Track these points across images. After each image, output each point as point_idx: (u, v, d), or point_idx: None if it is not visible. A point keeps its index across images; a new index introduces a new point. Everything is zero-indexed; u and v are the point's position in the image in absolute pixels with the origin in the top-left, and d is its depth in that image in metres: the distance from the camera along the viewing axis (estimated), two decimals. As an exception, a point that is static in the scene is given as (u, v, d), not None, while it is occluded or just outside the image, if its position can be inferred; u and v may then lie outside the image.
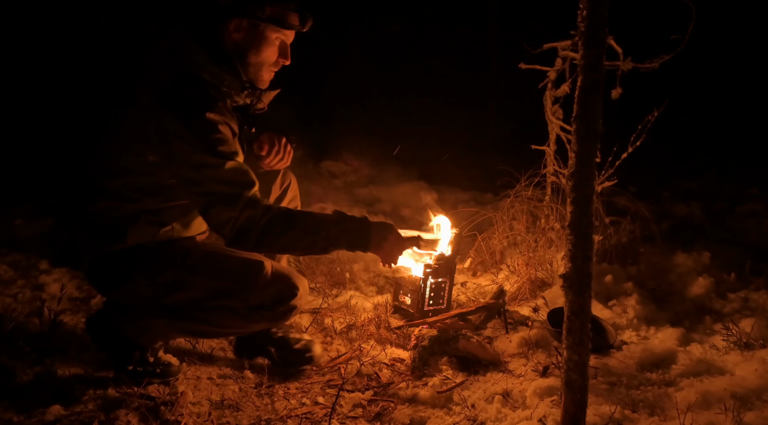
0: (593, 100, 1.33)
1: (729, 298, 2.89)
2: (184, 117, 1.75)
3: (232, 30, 1.87)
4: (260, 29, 1.88)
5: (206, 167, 1.75)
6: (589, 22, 1.30)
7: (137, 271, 1.90)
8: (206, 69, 1.84)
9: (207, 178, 1.76)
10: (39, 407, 1.81)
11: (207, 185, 1.76)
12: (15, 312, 2.45)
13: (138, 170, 1.86)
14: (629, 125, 2.90)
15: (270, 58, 1.94)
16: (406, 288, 2.68)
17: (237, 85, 1.90)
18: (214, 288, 1.91)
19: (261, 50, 1.91)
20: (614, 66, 2.78)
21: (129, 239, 1.87)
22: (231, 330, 2.07)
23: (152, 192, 1.87)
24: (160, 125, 1.76)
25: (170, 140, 1.75)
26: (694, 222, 4.26)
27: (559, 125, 3.20)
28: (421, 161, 5.58)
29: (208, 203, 1.78)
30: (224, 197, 1.76)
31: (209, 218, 1.81)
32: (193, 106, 1.76)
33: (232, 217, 1.76)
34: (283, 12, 1.89)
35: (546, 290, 2.85)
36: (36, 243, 3.26)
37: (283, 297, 1.93)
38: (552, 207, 3.25)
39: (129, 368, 1.98)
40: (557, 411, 1.71)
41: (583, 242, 1.37)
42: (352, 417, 1.95)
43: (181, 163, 1.77)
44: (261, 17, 1.86)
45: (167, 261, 1.90)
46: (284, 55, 1.96)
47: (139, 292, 1.93)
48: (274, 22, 1.88)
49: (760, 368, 2.07)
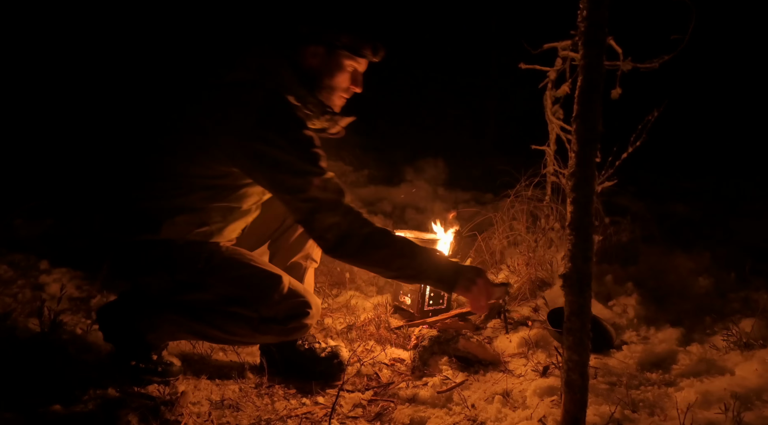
0: (593, 100, 1.34)
1: (729, 298, 2.89)
2: (285, 133, 1.83)
3: (309, 55, 1.95)
4: (335, 56, 1.97)
5: (310, 174, 1.84)
6: (589, 22, 1.31)
7: (161, 264, 1.93)
8: (294, 91, 1.92)
9: (311, 185, 1.83)
10: (39, 407, 1.81)
11: (311, 192, 1.84)
12: (15, 312, 2.46)
13: (202, 174, 1.90)
14: (629, 125, 2.90)
15: (342, 84, 2.02)
16: (406, 288, 2.68)
17: (319, 110, 1.99)
18: (230, 295, 1.93)
19: (334, 76, 1.99)
20: (614, 66, 2.78)
21: (162, 232, 1.91)
22: (240, 339, 2.06)
23: (203, 191, 1.93)
24: (261, 141, 1.81)
25: (274, 154, 1.81)
26: (694, 222, 4.26)
27: (559, 125, 3.20)
28: (421, 161, 5.59)
29: (313, 209, 1.85)
30: (327, 203, 1.85)
31: (314, 222, 1.86)
32: (293, 124, 1.86)
33: (336, 222, 1.85)
34: (358, 41, 1.97)
35: (546, 290, 2.85)
36: (36, 243, 3.26)
37: (295, 314, 1.96)
38: (552, 207, 3.25)
39: (132, 363, 1.99)
40: (557, 411, 1.71)
41: (583, 242, 1.37)
42: (352, 417, 1.95)
43: (287, 172, 1.83)
44: (337, 45, 1.95)
45: (190, 260, 1.93)
46: (356, 82, 2.04)
47: (156, 284, 1.96)
48: (348, 49, 1.97)
49: (760, 368, 2.07)
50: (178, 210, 1.92)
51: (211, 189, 1.94)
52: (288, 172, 1.83)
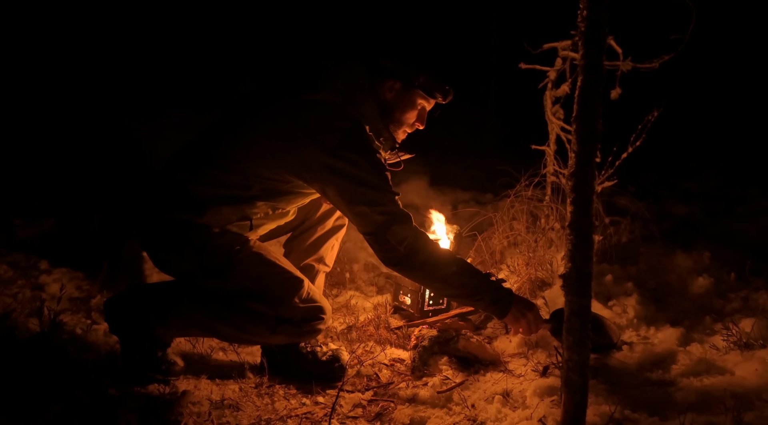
0: (593, 101, 1.33)
1: (729, 298, 2.89)
2: (366, 156, 1.95)
3: (386, 89, 2.06)
4: (410, 93, 2.07)
5: (387, 191, 1.97)
6: (589, 22, 1.31)
7: (191, 246, 1.96)
8: (372, 123, 2.04)
9: (388, 199, 1.96)
10: (39, 407, 1.81)
11: (387, 206, 1.95)
12: (15, 312, 2.46)
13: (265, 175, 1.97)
14: (629, 125, 2.90)
15: (410, 120, 2.12)
16: (406, 288, 2.68)
17: (389, 144, 2.10)
18: (251, 289, 1.96)
19: (405, 111, 2.09)
20: (614, 66, 2.78)
21: (206, 217, 1.95)
22: (253, 337, 2.07)
23: (257, 189, 1.99)
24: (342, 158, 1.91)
25: (354, 171, 1.92)
26: (694, 222, 4.26)
27: (559, 125, 3.19)
28: (420, 161, 5.58)
29: (390, 221, 1.94)
30: (402, 217, 1.96)
31: (390, 234, 1.94)
32: (370, 148, 2.00)
33: (408, 236, 1.95)
34: (433, 84, 2.07)
35: (546, 290, 2.85)
36: (36, 243, 3.26)
37: (311, 318, 1.99)
38: (552, 207, 3.25)
39: (136, 357, 1.99)
40: (557, 411, 1.71)
41: (583, 242, 1.37)
42: (352, 417, 1.95)
43: (366, 186, 1.94)
44: (414, 84, 2.05)
45: (220, 249, 1.96)
46: (422, 120, 2.15)
47: (182, 266, 2.01)
48: (424, 90, 2.06)
49: (760, 368, 2.07)
50: (227, 200, 1.97)
51: (267, 190, 2.01)
52: (368, 186, 1.94)
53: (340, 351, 2.22)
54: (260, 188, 2.00)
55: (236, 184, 1.98)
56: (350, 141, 1.93)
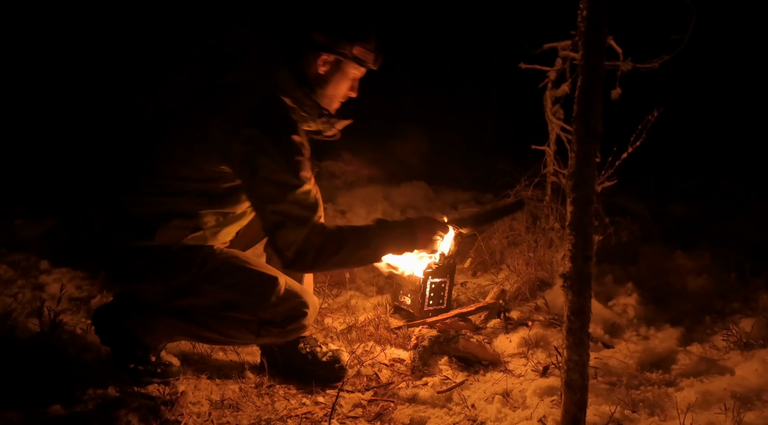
0: (593, 101, 1.34)
1: (729, 298, 2.89)
2: (273, 135, 1.82)
3: (320, 63, 1.97)
4: (343, 65, 2.00)
5: (287, 186, 1.82)
6: (589, 22, 1.31)
7: (154, 270, 1.91)
8: (290, 93, 1.93)
9: (285, 198, 1.82)
10: (39, 407, 1.81)
11: (283, 205, 1.83)
12: (15, 312, 2.46)
13: (194, 176, 1.89)
14: (629, 125, 2.90)
15: (344, 91, 2.06)
16: (406, 288, 2.68)
17: (316, 112, 1.99)
18: (226, 299, 1.92)
19: (339, 84, 2.03)
20: (614, 66, 2.78)
21: (156, 238, 1.89)
22: (237, 341, 2.08)
23: (197, 196, 1.91)
24: (247, 139, 1.80)
25: (257, 156, 1.80)
26: (694, 222, 4.26)
27: (559, 125, 3.19)
28: (421, 161, 5.59)
29: (280, 223, 1.83)
30: (296, 219, 1.84)
31: (277, 237, 1.85)
32: (282, 126, 1.85)
33: (297, 239, 1.83)
34: (366, 52, 2.00)
35: (546, 290, 2.85)
36: (36, 243, 3.26)
37: (293, 315, 1.96)
38: (552, 207, 3.25)
39: (130, 366, 1.98)
40: (557, 411, 1.71)
41: (583, 242, 1.37)
42: (352, 417, 1.95)
43: (264, 179, 1.82)
44: (348, 56, 1.97)
45: (185, 266, 1.91)
46: (354, 89, 2.09)
47: (152, 291, 1.95)
48: (357, 61, 1.99)
49: (760, 368, 2.07)
50: (171, 215, 1.90)
51: (204, 194, 1.92)
52: (264, 179, 1.82)
53: (341, 352, 2.21)
54: (197, 195, 1.92)
55: (172, 195, 1.90)
56: (258, 119, 1.82)
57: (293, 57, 1.96)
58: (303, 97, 1.95)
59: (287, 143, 1.83)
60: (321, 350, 2.21)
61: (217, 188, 1.93)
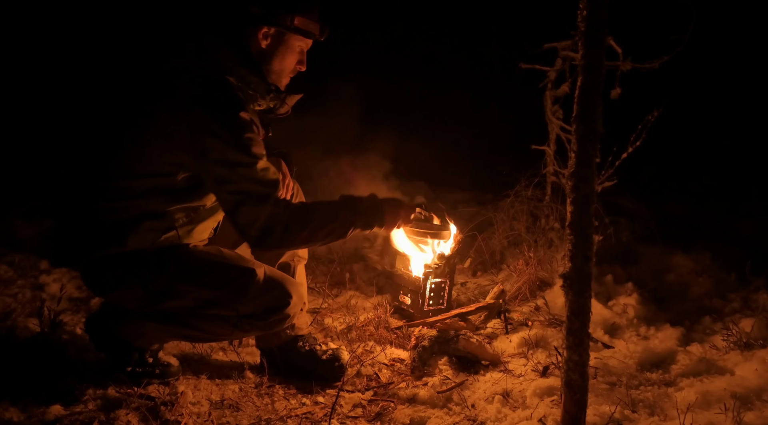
0: (593, 101, 1.34)
1: (729, 298, 2.89)
2: (219, 115, 1.79)
3: (261, 37, 1.93)
4: (285, 38, 1.95)
5: (240, 165, 1.79)
6: (589, 22, 1.31)
7: (131, 276, 1.89)
8: (234, 72, 1.88)
9: (240, 176, 1.79)
10: (39, 407, 1.82)
11: (240, 183, 1.80)
12: (15, 312, 2.46)
13: (152, 172, 1.86)
14: (629, 125, 2.90)
15: (291, 65, 2.01)
16: (406, 288, 2.68)
17: (263, 88, 1.94)
18: (205, 298, 1.91)
19: (285, 57, 1.97)
20: (614, 66, 2.78)
21: (129, 243, 1.86)
22: (224, 337, 2.09)
23: (161, 194, 1.87)
24: (193, 122, 1.77)
25: (204, 138, 1.77)
26: (694, 222, 4.26)
27: (559, 125, 3.20)
28: (421, 161, 5.59)
29: (239, 202, 1.81)
30: (255, 196, 1.81)
31: (238, 216, 1.82)
32: (228, 105, 1.81)
33: (260, 216, 1.81)
34: (308, 22, 1.95)
35: (546, 290, 2.85)
36: (36, 243, 3.26)
37: (275, 306, 1.94)
38: (552, 207, 3.25)
39: (128, 369, 1.98)
40: (557, 411, 1.71)
41: (583, 242, 1.37)
42: (352, 417, 1.95)
43: (215, 160, 1.79)
44: (289, 27, 1.92)
45: (161, 268, 1.89)
46: (302, 62, 2.03)
47: (132, 297, 1.92)
48: (299, 32, 1.94)
49: (760, 368, 2.07)
50: (140, 218, 1.86)
51: (167, 191, 1.88)
52: (215, 160, 1.78)
53: (341, 351, 2.21)
54: (160, 191, 1.86)
55: (135, 196, 1.86)
56: (201, 101, 1.78)
57: (234, 34, 1.91)
58: (247, 74, 1.90)
59: (234, 121, 1.80)
60: (321, 348, 2.20)
61: (177, 182, 1.88)
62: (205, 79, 1.83)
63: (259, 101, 1.97)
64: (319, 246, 2.08)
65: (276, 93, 1.98)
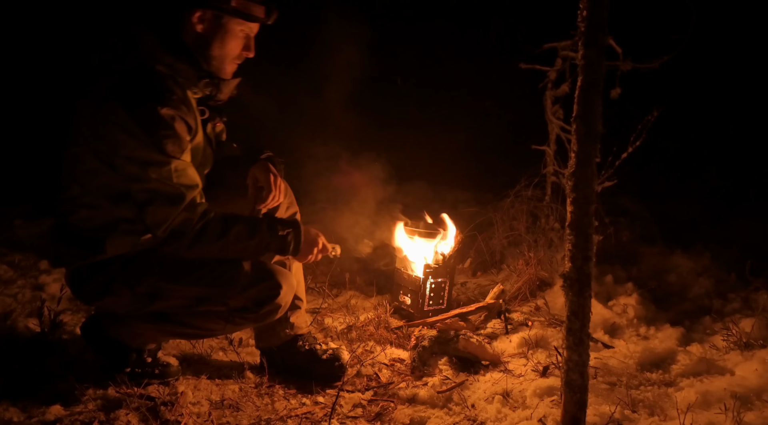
0: (593, 101, 1.34)
1: (729, 298, 2.89)
2: (133, 109, 1.70)
3: (195, 22, 1.81)
4: (224, 21, 1.83)
5: (152, 164, 1.71)
6: (589, 22, 1.31)
7: (117, 282, 1.87)
8: (161, 60, 1.78)
9: (150, 175, 1.71)
10: (39, 407, 1.82)
11: (150, 183, 1.72)
12: (15, 312, 2.46)
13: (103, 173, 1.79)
14: (629, 125, 2.90)
15: (234, 51, 1.89)
16: (406, 288, 2.68)
17: (193, 75, 1.83)
18: (194, 295, 1.89)
19: (225, 43, 1.85)
20: (614, 66, 2.78)
21: (108, 249, 1.83)
22: (218, 332, 2.09)
23: (124, 198, 1.79)
24: (106, 116, 1.70)
25: (114, 131, 1.70)
26: (694, 222, 4.26)
27: (559, 125, 3.20)
28: (421, 161, 5.59)
29: (146, 201, 1.73)
30: (165, 196, 1.73)
31: (144, 215, 1.75)
32: (144, 99, 1.72)
33: (169, 218, 1.73)
34: (248, 4, 1.82)
35: (546, 290, 2.85)
36: (36, 243, 3.26)
37: (266, 297, 1.91)
38: (552, 207, 3.25)
39: (127, 370, 1.98)
40: (557, 411, 1.71)
41: (583, 242, 1.37)
42: (352, 417, 1.95)
43: (125, 156, 1.71)
44: (225, 9, 1.80)
45: (145, 270, 1.86)
46: (248, 48, 1.91)
47: (121, 303, 1.91)
48: (238, 14, 1.82)
49: (760, 368, 2.07)
50: (114, 222, 1.82)
51: (122, 192, 1.79)
52: (125, 157, 1.71)
53: (341, 350, 2.20)
54: (118, 191, 1.78)
55: (103, 197, 1.80)
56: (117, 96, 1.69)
57: (164, 20, 1.81)
58: (174, 61, 1.79)
59: (149, 116, 1.70)
60: (321, 348, 2.19)
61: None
62: (126, 70, 1.74)
63: (194, 89, 1.87)
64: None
65: (210, 79, 1.87)
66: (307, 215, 4.14)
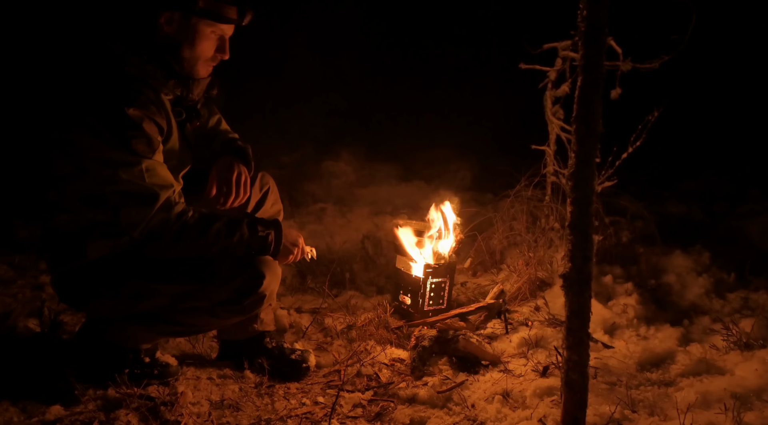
0: (593, 101, 1.34)
1: (729, 298, 2.89)
2: (99, 110, 1.69)
3: (164, 23, 1.78)
4: (193, 22, 1.79)
5: (122, 165, 1.70)
6: (589, 22, 1.31)
7: (101, 285, 1.87)
8: (129, 62, 1.76)
9: (121, 176, 1.70)
10: (39, 407, 1.82)
11: (121, 184, 1.70)
12: (15, 312, 2.46)
13: (76, 176, 1.78)
14: (629, 125, 2.90)
15: (206, 53, 1.85)
16: (406, 288, 2.68)
17: (161, 76, 1.81)
18: (177, 292, 1.89)
19: (195, 45, 1.82)
20: (614, 66, 2.78)
21: (89, 253, 1.83)
22: (205, 328, 2.09)
23: (98, 201, 1.76)
24: (74, 119, 1.70)
25: (83, 134, 1.69)
26: (694, 222, 4.26)
27: (559, 125, 3.20)
28: (421, 161, 5.59)
29: (120, 202, 1.72)
30: (138, 197, 1.72)
31: (119, 217, 1.74)
32: (111, 100, 1.70)
33: (144, 219, 1.73)
34: (218, 5, 1.78)
35: (546, 290, 2.85)
36: (36, 243, 3.25)
37: (248, 288, 1.90)
38: (552, 207, 3.25)
39: (125, 371, 1.98)
40: (557, 411, 1.71)
41: (583, 242, 1.37)
42: (352, 417, 1.95)
43: (95, 159, 1.70)
44: (193, 10, 1.76)
45: (128, 272, 1.86)
46: (222, 49, 1.88)
47: (107, 305, 1.91)
48: (207, 15, 1.78)
49: (760, 368, 2.08)
50: (92, 224, 1.81)
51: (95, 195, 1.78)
52: (95, 160, 1.70)
53: (308, 353, 2.23)
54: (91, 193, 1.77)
55: (78, 200, 1.79)
56: (82, 99, 1.69)
57: (132, 22, 1.79)
58: (141, 63, 1.77)
59: (116, 117, 1.68)
60: (288, 348, 2.22)
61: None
62: (92, 73, 1.74)
63: (165, 90, 1.84)
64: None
65: (177, 79, 1.84)
66: (306, 216, 4.16)
